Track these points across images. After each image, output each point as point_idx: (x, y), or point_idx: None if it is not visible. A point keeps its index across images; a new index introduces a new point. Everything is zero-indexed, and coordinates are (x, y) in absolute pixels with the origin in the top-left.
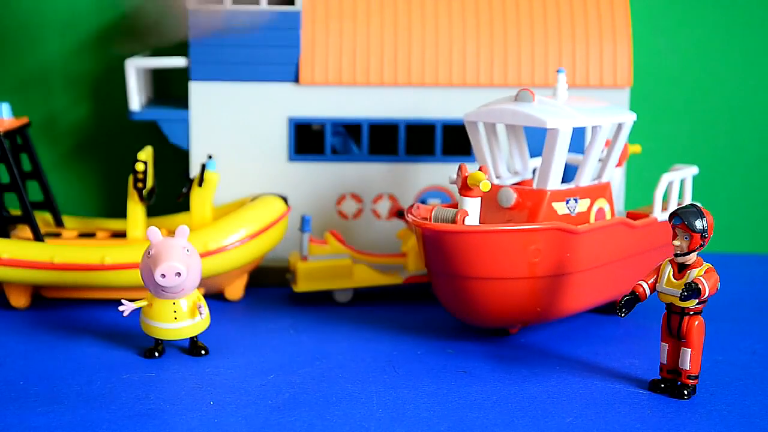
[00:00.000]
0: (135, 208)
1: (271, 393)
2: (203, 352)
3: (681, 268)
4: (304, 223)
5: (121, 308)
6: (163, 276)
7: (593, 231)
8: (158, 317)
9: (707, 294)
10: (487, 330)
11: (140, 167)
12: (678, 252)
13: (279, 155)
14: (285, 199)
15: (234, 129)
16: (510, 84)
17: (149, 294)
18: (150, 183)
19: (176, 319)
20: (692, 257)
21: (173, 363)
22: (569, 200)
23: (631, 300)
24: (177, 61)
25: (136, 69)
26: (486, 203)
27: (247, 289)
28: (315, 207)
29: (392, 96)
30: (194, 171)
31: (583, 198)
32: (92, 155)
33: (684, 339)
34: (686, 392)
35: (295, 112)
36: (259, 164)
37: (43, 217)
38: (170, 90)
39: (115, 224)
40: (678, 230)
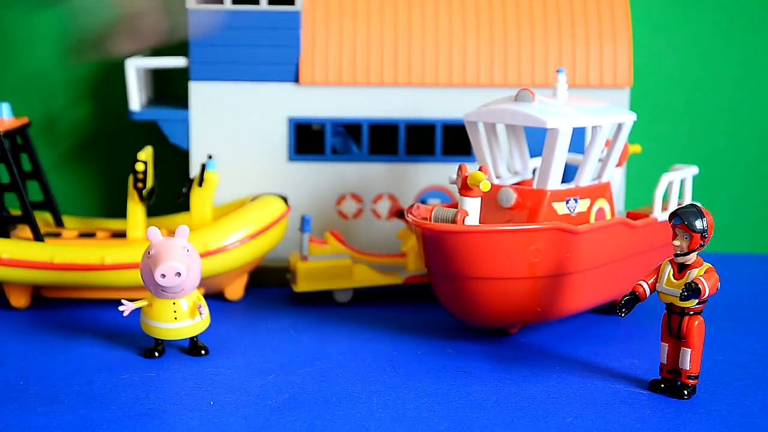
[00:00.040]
0: (135, 208)
1: (271, 393)
2: (203, 352)
3: (681, 268)
4: (304, 223)
5: (121, 308)
6: (163, 276)
7: (593, 231)
8: (158, 317)
9: (707, 294)
10: (487, 330)
11: (140, 167)
12: (678, 252)
13: (279, 155)
14: (285, 199)
15: (234, 129)
16: (510, 84)
17: (149, 294)
18: (150, 183)
19: (176, 319)
20: (692, 257)
21: (173, 363)
22: (569, 200)
23: (631, 300)
24: (177, 61)
25: (136, 69)
26: (486, 203)
27: (247, 289)
28: (315, 207)
29: (392, 96)
30: (194, 171)
31: (583, 198)
32: (92, 155)
33: (684, 339)
34: (686, 392)
35: (295, 112)
36: (259, 164)
37: (43, 217)
38: (170, 90)
39: (115, 224)
40: (678, 230)
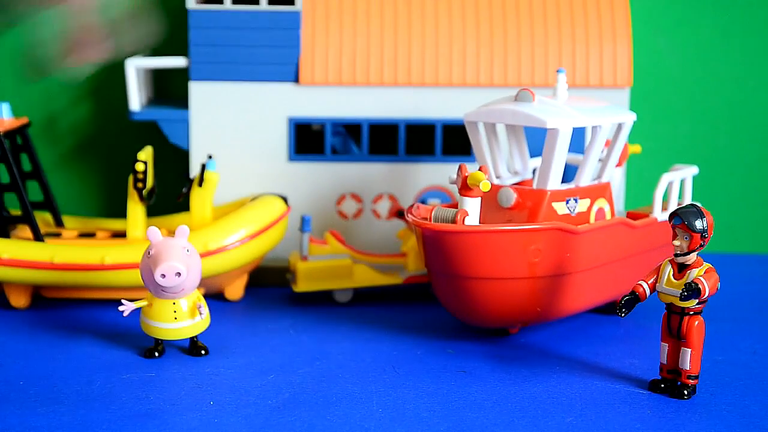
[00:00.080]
0: (135, 208)
1: (271, 393)
2: (203, 352)
3: (681, 268)
4: (304, 223)
5: (121, 308)
6: (163, 276)
7: (593, 231)
8: (158, 317)
9: (707, 294)
10: (487, 330)
11: (140, 167)
12: (678, 252)
13: (279, 155)
14: (285, 199)
15: (234, 129)
16: (510, 84)
17: (149, 294)
18: (150, 183)
19: (176, 319)
20: (692, 257)
21: (173, 363)
22: (569, 200)
23: (631, 300)
24: (177, 61)
25: (136, 69)
26: (486, 203)
27: (247, 289)
28: (315, 207)
29: (392, 96)
30: (194, 171)
31: (583, 198)
32: (92, 155)
33: (684, 339)
34: (686, 392)
35: (295, 112)
36: (259, 164)
37: (43, 217)
38: (170, 90)
39: (115, 224)
40: (678, 230)
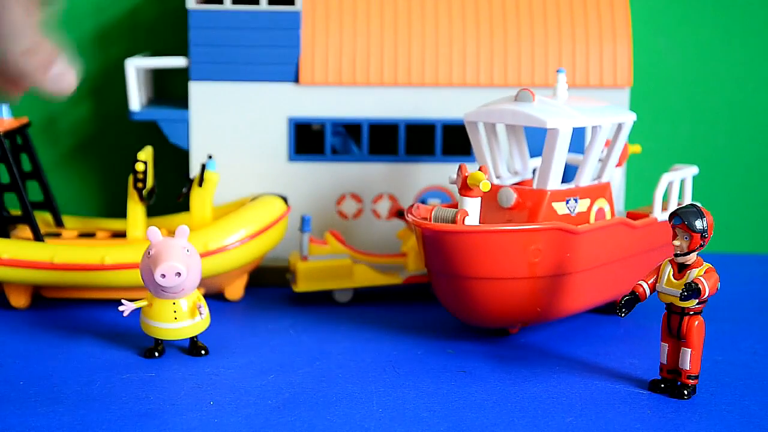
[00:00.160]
0: (135, 208)
1: (271, 393)
2: (203, 352)
3: (681, 268)
4: (304, 223)
5: (121, 308)
6: (163, 276)
7: (593, 231)
8: (158, 317)
9: (707, 294)
10: (487, 330)
11: (140, 167)
12: (678, 252)
13: (279, 155)
14: (285, 199)
15: (234, 129)
16: (510, 84)
17: (149, 294)
18: (150, 183)
19: (176, 319)
20: (692, 257)
21: (173, 363)
22: (569, 200)
23: (631, 300)
24: (177, 61)
25: (136, 69)
26: (486, 203)
27: (247, 289)
28: (315, 207)
29: (392, 96)
30: (194, 171)
31: (583, 198)
32: (92, 155)
33: (684, 339)
34: (686, 392)
35: (295, 112)
36: (259, 164)
37: (43, 217)
38: (170, 90)
39: (115, 224)
40: (678, 230)
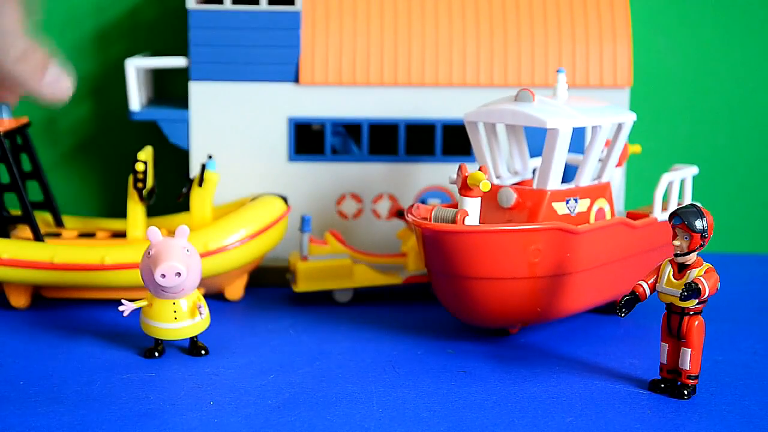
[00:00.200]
0: (135, 208)
1: (271, 393)
2: (203, 352)
3: (681, 268)
4: (304, 223)
5: (121, 308)
6: (163, 276)
7: (593, 231)
8: (158, 317)
9: (707, 294)
10: (487, 330)
11: (140, 167)
12: (678, 252)
13: (279, 155)
14: (285, 199)
15: (234, 129)
16: (510, 84)
17: (149, 294)
18: (150, 183)
19: (176, 319)
20: (692, 257)
21: (173, 363)
22: (569, 200)
23: (631, 300)
24: (177, 61)
25: (136, 69)
26: (486, 203)
27: (247, 289)
28: (315, 207)
29: (392, 96)
30: (194, 171)
31: (583, 198)
32: (92, 155)
33: (684, 339)
34: (686, 392)
35: (295, 112)
36: (259, 164)
37: (43, 217)
38: (170, 90)
39: (115, 224)
40: (678, 230)
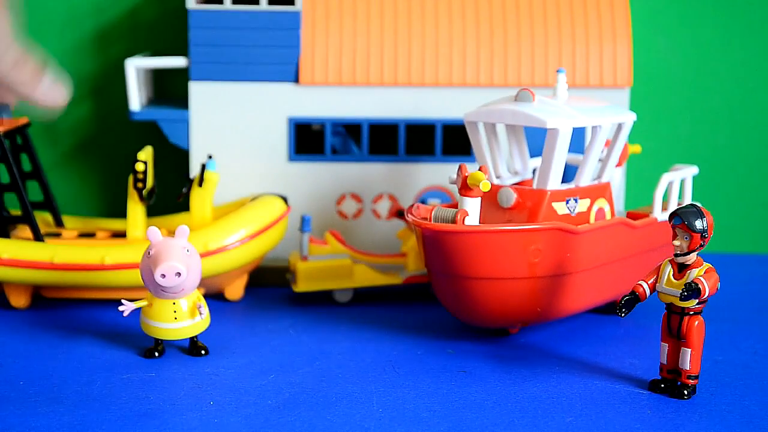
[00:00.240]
0: (135, 208)
1: (271, 393)
2: (203, 352)
3: (681, 268)
4: (304, 223)
5: (121, 308)
6: (163, 276)
7: (593, 231)
8: (158, 317)
9: (707, 294)
10: (487, 330)
11: (140, 167)
12: (678, 252)
13: (279, 155)
14: (285, 199)
15: (234, 129)
16: (510, 84)
17: (149, 294)
18: (150, 183)
19: (176, 319)
20: (692, 257)
21: (173, 363)
22: (569, 200)
23: (631, 300)
24: (177, 61)
25: (136, 69)
26: (486, 203)
27: (247, 289)
28: (315, 207)
29: (392, 96)
30: (194, 171)
31: (583, 198)
32: (92, 155)
33: (684, 339)
34: (686, 392)
35: (295, 112)
36: (259, 164)
37: (43, 217)
38: (170, 90)
39: (115, 224)
40: (678, 230)
